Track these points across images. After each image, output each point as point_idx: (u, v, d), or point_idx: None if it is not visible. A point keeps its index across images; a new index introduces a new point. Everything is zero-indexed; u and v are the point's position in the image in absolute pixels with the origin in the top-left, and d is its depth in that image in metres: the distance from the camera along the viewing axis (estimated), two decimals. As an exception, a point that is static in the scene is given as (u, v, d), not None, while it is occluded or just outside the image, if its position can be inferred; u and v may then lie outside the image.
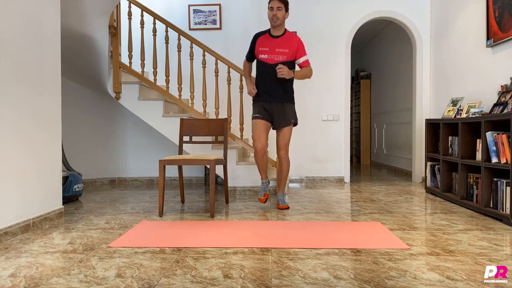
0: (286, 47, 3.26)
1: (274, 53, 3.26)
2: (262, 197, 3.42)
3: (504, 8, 3.47)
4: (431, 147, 4.21)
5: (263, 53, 3.29)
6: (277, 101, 3.29)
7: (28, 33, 2.66)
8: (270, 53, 3.26)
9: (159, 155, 5.06)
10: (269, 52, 3.27)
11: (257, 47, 3.33)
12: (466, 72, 4.17)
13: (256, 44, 3.35)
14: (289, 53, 3.26)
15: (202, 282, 1.72)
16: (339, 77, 5.15)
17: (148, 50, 4.86)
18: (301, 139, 5.07)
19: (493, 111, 3.36)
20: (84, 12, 3.49)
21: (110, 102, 4.99)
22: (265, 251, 2.17)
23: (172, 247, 2.25)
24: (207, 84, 4.58)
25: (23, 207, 2.60)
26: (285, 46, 3.26)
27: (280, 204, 3.35)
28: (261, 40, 3.34)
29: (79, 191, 3.82)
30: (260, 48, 3.31)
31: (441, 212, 3.21)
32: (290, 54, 3.26)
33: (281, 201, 3.38)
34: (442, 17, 4.74)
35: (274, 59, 3.25)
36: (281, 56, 3.25)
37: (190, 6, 5.19)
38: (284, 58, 3.25)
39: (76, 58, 4.08)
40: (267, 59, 3.27)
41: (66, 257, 2.07)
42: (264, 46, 3.30)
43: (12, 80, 2.49)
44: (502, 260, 1.98)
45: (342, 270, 1.86)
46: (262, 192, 3.44)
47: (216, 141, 3.76)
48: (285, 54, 3.25)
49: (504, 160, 2.83)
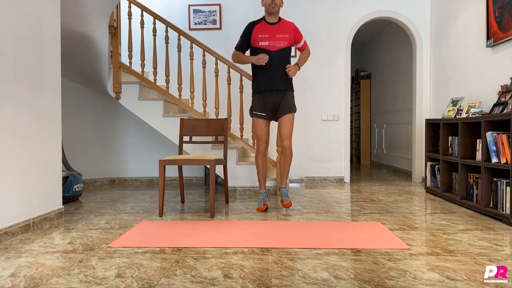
0: (286, 33, 3.27)
1: (275, 39, 3.24)
2: (261, 206, 3.30)
3: (504, 8, 3.47)
4: (431, 147, 4.21)
5: (263, 40, 3.25)
6: (278, 89, 3.27)
7: (28, 33, 2.65)
8: (271, 40, 3.24)
9: (159, 155, 5.06)
10: (269, 38, 3.24)
11: (255, 35, 3.28)
12: (466, 72, 4.17)
13: (253, 32, 3.29)
14: (289, 38, 3.28)
15: (202, 282, 1.72)
16: (339, 77, 5.15)
17: (148, 50, 4.86)
18: (301, 139, 5.07)
19: (493, 111, 3.36)
20: (84, 12, 3.49)
21: (110, 102, 4.99)
22: (265, 251, 2.17)
23: (172, 247, 2.25)
24: (207, 84, 4.59)
25: (23, 207, 2.60)
26: (285, 31, 3.27)
27: (284, 201, 3.34)
28: (258, 28, 3.30)
29: (79, 191, 3.82)
30: (260, 35, 3.26)
31: (441, 212, 3.20)
32: (289, 40, 3.29)
33: (285, 196, 3.35)
34: (442, 17, 4.74)
35: (275, 46, 3.24)
36: (282, 42, 3.25)
37: (190, 6, 5.19)
38: (285, 43, 3.26)
39: (76, 58, 4.08)
40: (268, 46, 3.24)
41: (66, 257, 2.07)
42: (263, 33, 3.26)
43: (12, 80, 2.49)
44: (502, 260, 1.98)
45: (342, 270, 1.86)
46: (261, 202, 3.34)
47: (216, 141, 3.75)
48: (286, 39, 3.26)
49: (504, 160, 2.83)
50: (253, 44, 3.32)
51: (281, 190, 3.41)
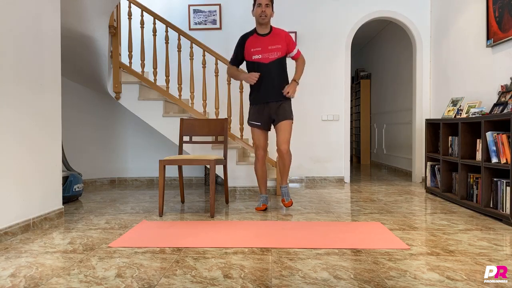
0: (278, 43, 3.23)
1: (268, 51, 3.21)
2: (260, 206, 3.32)
3: (504, 8, 3.47)
4: (431, 147, 4.21)
5: (256, 54, 3.22)
6: (274, 100, 3.25)
7: (28, 33, 2.66)
8: (264, 52, 3.21)
9: (159, 155, 5.06)
10: (262, 51, 3.21)
11: (248, 49, 3.26)
12: (466, 72, 4.17)
13: (246, 46, 3.27)
14: (282, 49, 3.24)
15: (202, 282, 1.72)
16: (339, 77, 5.15)
17: (148, 50, 4.86)
18: (301, 139, 5.07)
19: (493, 111, 3.36)
20: (84, 12, 3.49)
21: (110, 102, 4.99)
22: (265, 251, 2.17)
23: (172, 247, 2.25)
24: (207, 84, 4.59)
25: (23, 207, 2.60)
26: (277, 42, 3.23)
27: (285, 200, 3.33)
28: (250, 41, 3.27)
29: (79, 191, 3.82)
30: (252, 49, 3.24)
31: (441, 212, 3.20)
32: (283, 50, 3.24)
33: (286, 195, 3.35)
34: (442, 17, 4.74)
35: (268, 58, 3.21)
36: (275, 53, 3.22)
37: (190, 6, 5.19)
38: (278, 54, 3.22)
39: (76, 58, 4.08)
40: (261, 59, 3.21)
41: (66, 257, 2.07)
42: (256, 47, 3.23)
43: (12, 80, 2.49)
44: (502, 260, 1.98)
45: (342, 270, 1.86)
46: (261, 203, 3.35)
47: (216, 141, 3.75)
48: (278, 50, 3.22)
49: (504, 160, 2.83)
50: (247, 58, 3.29)
51: (282, 189, 3.41)
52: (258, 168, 3.38)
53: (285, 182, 3.43)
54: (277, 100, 3.26)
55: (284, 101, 3.28)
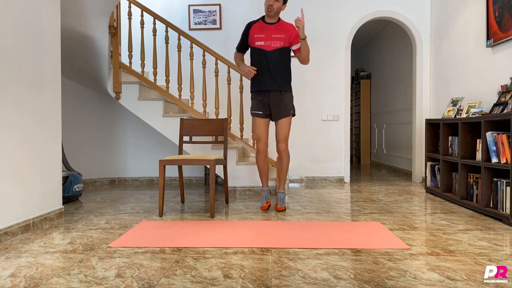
0: (282, 33, 3.26)
1: (271, 39, 3.25)
2: (264, 204, 3.35)
3: (504, 8, 3.47)
4: (431, 147, 4.21)
5: (259, 40, 3.26)
6: (275, 89, 3.26)
7: (28, 33, 2.66)
8: (267, 40, 3.25)
9: (159, 155, 5.06)
10: (265, 38, 3.25)
11: (252, 35, 3.31)
12: (466, 72, 4.17)
13: (250, 32, 3.32)
14: (285, 39, 3.26)
15: (202, 282, 1.72)
16: (339, 77, 5.15)
17: (148, 50, 4.86)
18: (301, 139, 5.07)
19: (493, 111, 3.36)
20: (84, 12, 3.49)
21: (110, 102, 4.99)
22: (265, 251, 2.17)
23: (172, 247, 2.25)
24: (207, 84, 4.59)
25: (23, 207, 2.60)
26: (281, 31, 3.26)
27: (278, 205, 3.32)
28: (255, 28, 3.32)
29: (79, 191, 3.82)
30: (256, 35, 3.28)
31: (441, 212, 3.20)
32: (286, 40, 3.26)
33: (280, 201, 3.36)
34: (442, 17, 4.74)
35: (271, 46, 3.24)
36: (278, 42, 3.25)
37: (190, 6, 5.19)
38: (281, 44, 3.25)
39: (76, 58, 4.08)
40: (264, 45, 3.25)
41: (66, 257, 2.07)
42: (259, 33, 3.28)
43: (12, 80, 2.49)
44: (502, 260, 1.98)
45: (342, 270, 1.86)
46: (264, 200, 3.39)
47: (216, 141, 3.75)
48: (282, 39, 3.25)
49: (504, 160, 2.83)
50: (250, 44, 3.35)
51: (278, 194, 3.43)
52: (259, 160, 3.40)
53: (283, 188, 3.45)
54: (278, 90, 3.27)
55: (285, 93, 3.29)
